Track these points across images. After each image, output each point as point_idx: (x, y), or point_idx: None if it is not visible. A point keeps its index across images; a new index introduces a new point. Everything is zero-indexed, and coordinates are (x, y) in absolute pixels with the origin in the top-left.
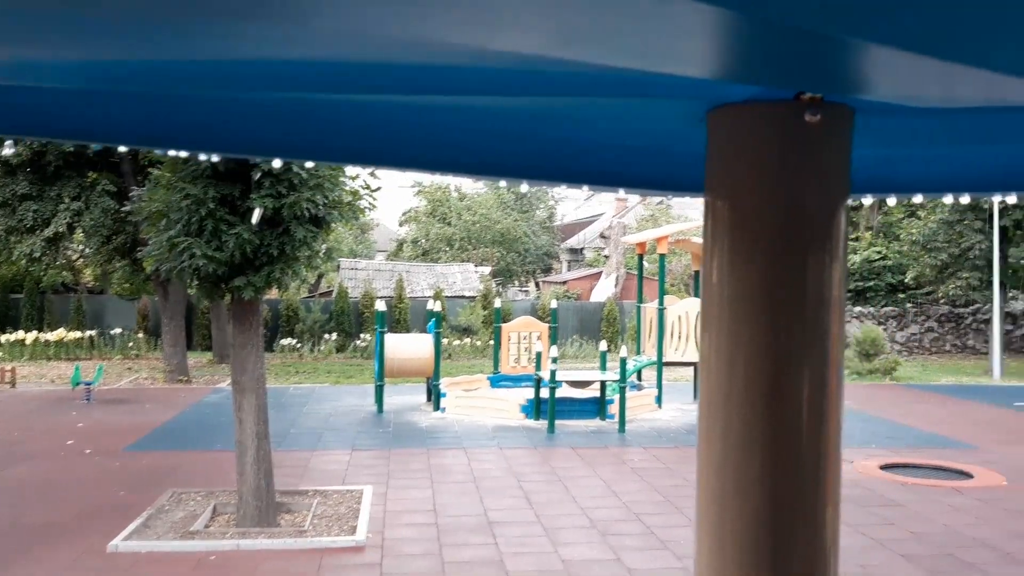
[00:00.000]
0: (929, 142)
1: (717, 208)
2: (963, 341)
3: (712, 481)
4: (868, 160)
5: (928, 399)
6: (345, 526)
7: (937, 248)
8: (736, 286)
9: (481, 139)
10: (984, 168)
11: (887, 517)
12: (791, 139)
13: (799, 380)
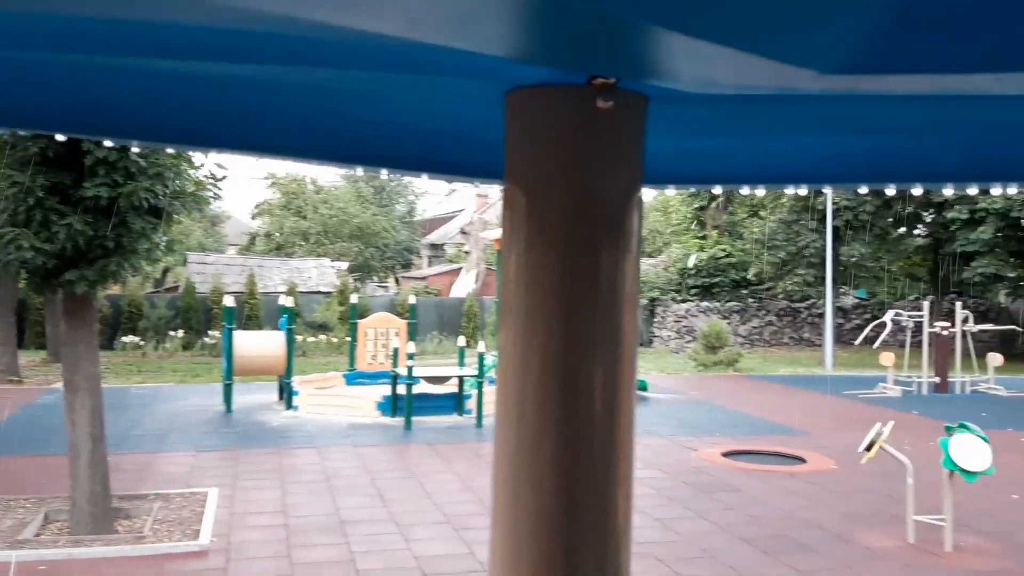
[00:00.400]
0: (724, 132)
1: (514, 197)
2: (799, 334)
3: (507, 466)
4: (664, 151)
5: (768, 389)
6: (188, 530)
7: (777, 246)
8: (531, 277)
9: (259, 115)
10: (779, 160)
11: (728, 502)
12: (584, 126)
13: (592, 371)
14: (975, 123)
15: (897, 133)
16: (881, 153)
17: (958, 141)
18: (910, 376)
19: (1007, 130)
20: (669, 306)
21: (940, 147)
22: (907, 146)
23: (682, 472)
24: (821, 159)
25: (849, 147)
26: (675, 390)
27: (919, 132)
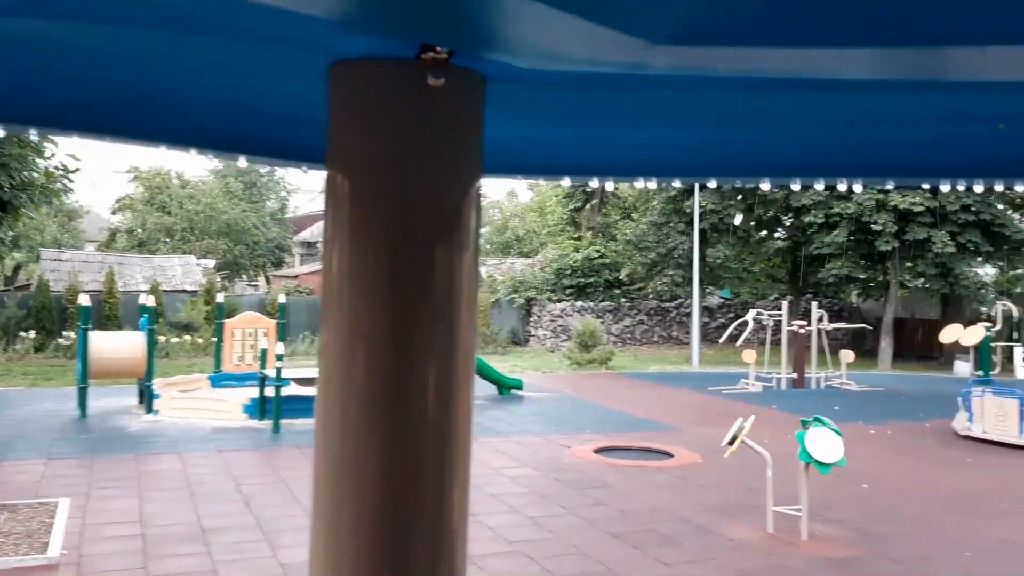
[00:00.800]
0: (569, 120)
1: (337, 184)
2: (668, 332)
3: (329, 472)
4: (507, 139)
5: (638, 386)
6: (36, 543)
7: (647, 248)
8: (356, 273)
9: (31, 79)
10: (629, 151)
11: (598, 498)
12: (413, 107)
13: (424, 372)
14: (833, 116)
15: (756, 126)
16: (734, 146)
17: (819, 136)
18: (770, 372)
19: (867, 126)
20: (545, 306)
21: (797, 141)
22: (764, 139)
23: (555, 469)
24: (669, 151)
25: (703, 139)
26: (550, 388)
27: (776, 125)
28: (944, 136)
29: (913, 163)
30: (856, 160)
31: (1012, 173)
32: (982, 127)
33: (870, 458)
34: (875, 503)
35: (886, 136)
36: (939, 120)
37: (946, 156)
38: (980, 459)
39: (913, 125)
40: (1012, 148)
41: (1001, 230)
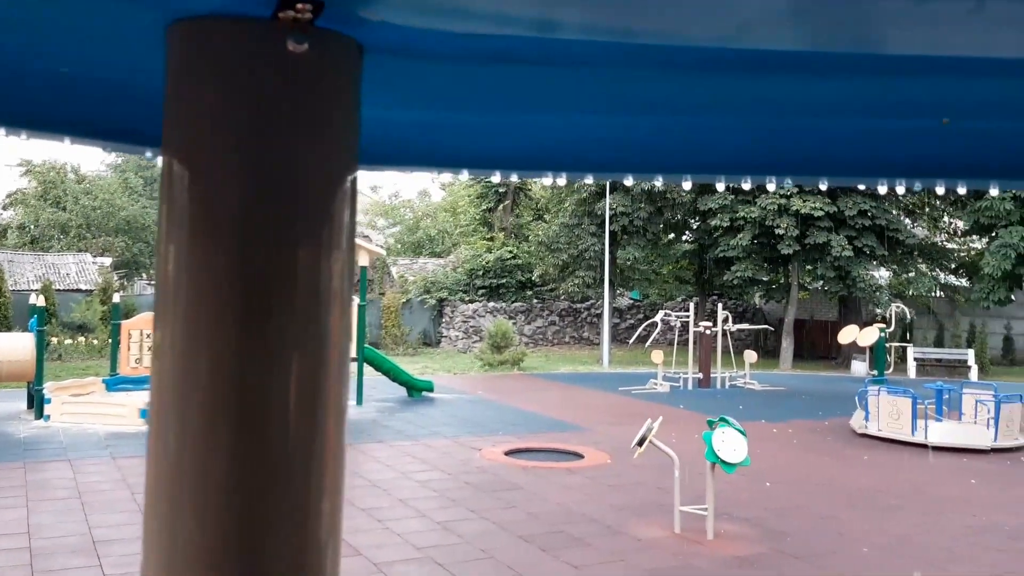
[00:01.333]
0: (468, 104)
1: (174, 170)
2: (580, 333)
3: (167, 485)
4: (390, 124)
5: (550, 387)
6: None
7: (559, 249)
8: (198, 273)
9: None
10: (538, 142)
11: (508, 500)
12: (269, 79)
13: (283, 381)
14: (764, 103)
15: (680, 113)
16: (655, 138)
17: (749, 127)
18: (677, 372)
19: (801, 115)
20: (457, 306)
21: (728, 133)
22: (689, 131)
23: (465, 472)
24: (581, 142)
25: (618, 129)
26: (461, 390)
27: (702, 112)
28: (883, 130)
29: (850, 160)
30: (788, 156)
31: (954, 173)
32: (925, 120)
33: (773, 456)
34: (778, 500)
35: (819, 129)
36: (878, 111)
37: (885, 153)
38: (876, 456)
39: (850, 116)
40: (955, 146)
41: (895, 235)
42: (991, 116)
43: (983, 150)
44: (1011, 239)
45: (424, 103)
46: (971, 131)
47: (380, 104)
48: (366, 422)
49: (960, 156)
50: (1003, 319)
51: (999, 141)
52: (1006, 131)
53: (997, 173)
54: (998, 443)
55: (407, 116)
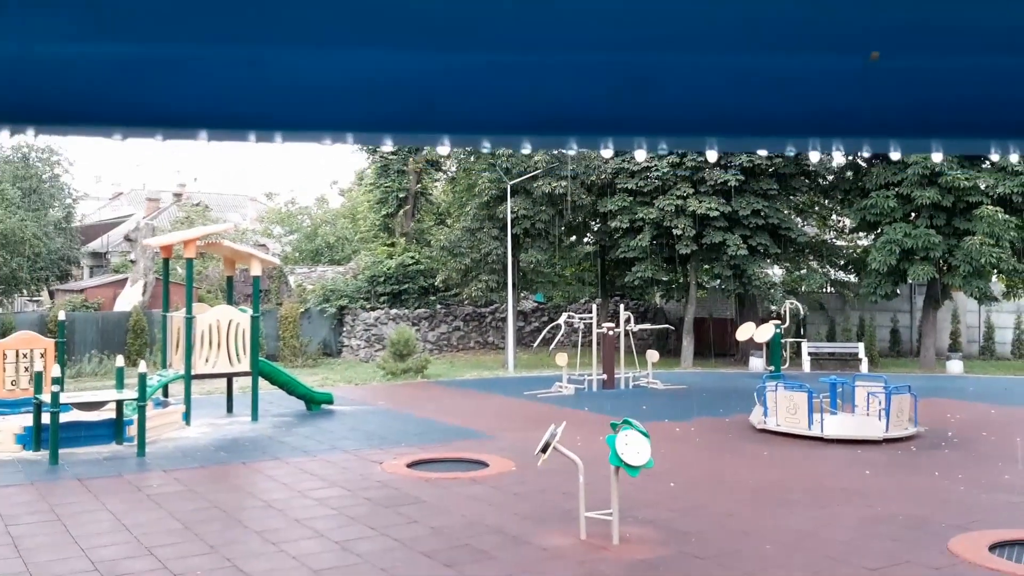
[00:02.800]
0: (190, 28)
1: None
2: (485, 338)
3: None
4: (57, 64)
5: (454, 394)
6: None
7: (462, 253)
8: None
9: None
10: (290, 86)
11: (410, 515)
12: None
13: None
14: (599, 31)
15: (502, 49)
16: (466, 82)
17: (577, 66)
18: (582, 374)
19: (675, 48)
20: (358, 314)
21: (554, 76)
22: (505, 72)
23: (365, 488)
24: (349, 88)
25: (417, 69)
26: (363, 401)
27: (520, 49)
28: (794, 71)
29: (743, 112)
30: (656, 111)
31: (885, 129)
32: (851, 58)
33: (676, 456)
34: (682, 500)
35: (698, 68)
36: (780, 40)
37: (798, 101)
38: (776, 451)
39: (744, 51)
40: (885, 92)
41: (787, 233)
42: (932, 49)
43: (921, 98)
44: (895, 235)
45: (121, 29)
46: (908, 72)
47: (45, 33)
48: (261, 439)
49: (893, 107)
50: (890, 312)
51: (944, 86)
52: (956, 70)
53: (938, 128)
54: (889, 434)
55: (90, 51)
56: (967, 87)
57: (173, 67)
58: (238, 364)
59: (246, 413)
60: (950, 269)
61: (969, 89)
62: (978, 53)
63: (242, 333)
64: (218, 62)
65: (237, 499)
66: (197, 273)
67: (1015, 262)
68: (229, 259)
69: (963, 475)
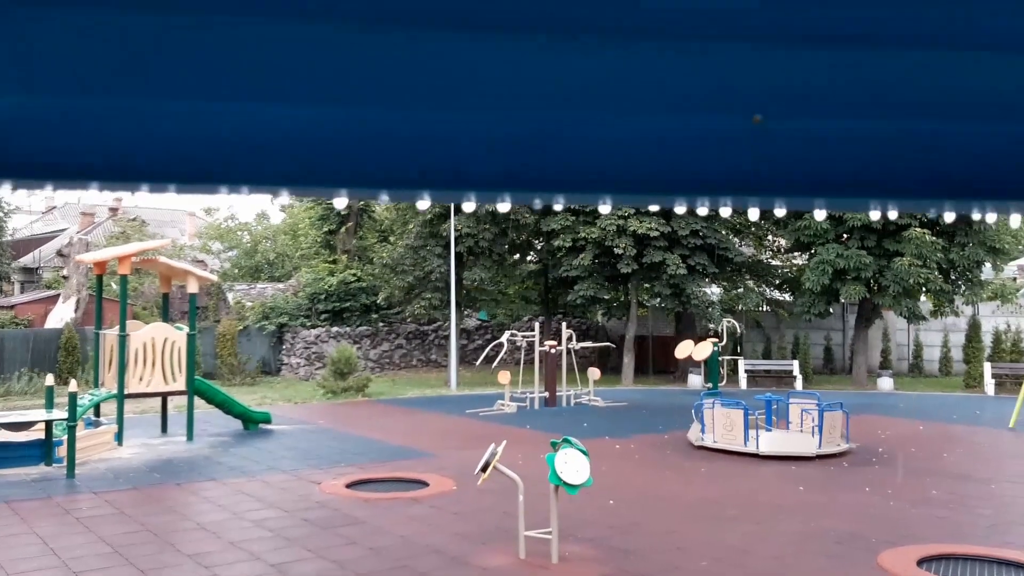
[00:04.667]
0: (103, 80)
1: None
2: (427, 356)
3: None
4: None
5: (396, 413)
6: None
7: (405, 271)
8: None
9: None
10: (190, 139)
11: (349, 536)
12: None
13: None
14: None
15: (376, 103)
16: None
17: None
18: (524, 392)
19: (569, 109)
20: (299, 332)
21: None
22: (371, 126)
23: (303, 509)
24: (246, 142)
25: (291, 121)
26: (302, 420)
27: (399, 105)
28: (677, 134)
29: (635, 170)
30: (551, 169)
31: (770, 188)
32: (734, 118)
33: (616, 473)
34: (621, 518)
35: (591, 127)
36: (676, 104)
37: (684, 161)
38: (713, 468)
39: (641, 113)
40: (769, 153)
41: (725, 253)
42: (813, 113)
43: (804, 159)
44: (828, 256)
45: (32, 81)
46: (790, 133)
47: None
48: (197, 459)
49: (777, 167)
50: (823, 331)
51: (826, 147)
52: (833, 133)
53: (821, 188)
54: (822, 450)
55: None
56: (847, 148)
57: (66, 120)
58: (173, 383)
59: (181, 433)
60: (880, 289)
61: (848, 150)
62: (856, 117)
63: (178, 351)
64: (109, 115)
65: (170, 521)
66: (132, 290)
67: (942, 282)
68: (165, 276)
69: (893, 490)
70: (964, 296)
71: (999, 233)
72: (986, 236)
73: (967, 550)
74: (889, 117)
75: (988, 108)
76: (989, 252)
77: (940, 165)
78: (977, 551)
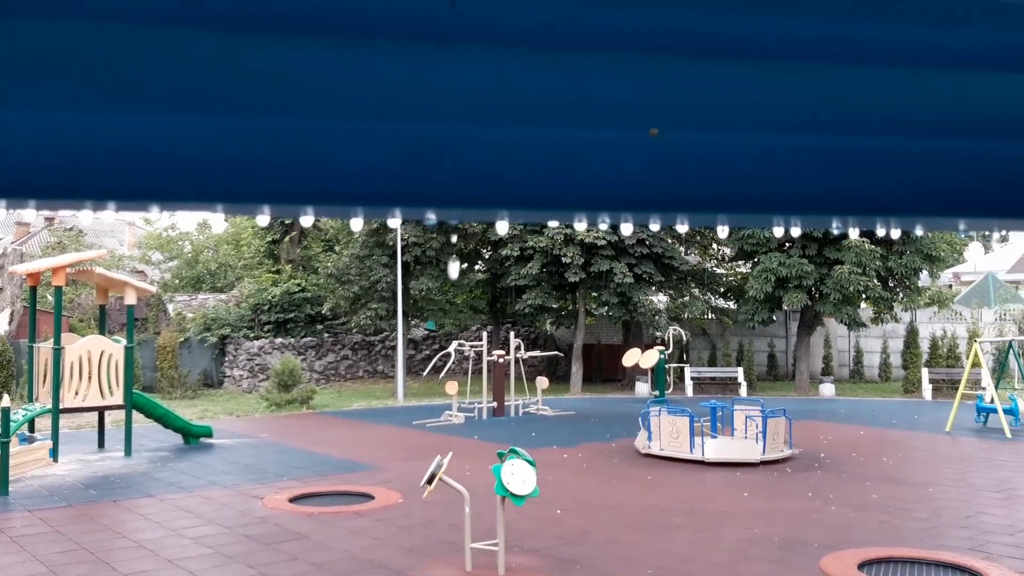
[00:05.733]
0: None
1: None
2: (374, 367)
3: None
4: None
5: (342, 425)
6: None
7: (350, 281)
8: None
9: None
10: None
11: (291, 552)
12: None
13: None
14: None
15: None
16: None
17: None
18: (472, 402)
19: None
20: (241, 344)
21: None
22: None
23: (244, 524)
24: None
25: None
26: (244, 433)
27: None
28: (572, 149)
29: (536, 186)
30: (441, 184)
31: (669, 205)
32: (630, 132)
33: (563, 482)
34: (568, 527)
35: (481, 143)
36: (570, 118)
37: (579, 178)
38: (659, 475)
39: (534, 126)
40: (667, 167)
41: (671, 262)
42: (711, 126)
43: (702, 173)
44: (771, 264)
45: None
46: (687, 147)
47: None
48: (135, 475)
49: (675, 181)
50: (767, 338)
51: (724, 162)
52: (731, 147)
53: (720, 203)
54: (766, 456)
55: None
56: (745, 163)
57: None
58: (110, 397)
59: (119, 448)
60: (822, 296)
61: (747, 165)
62: (753, 131)
63: (115, 364)
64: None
65: (106, 539)
66: (69, 301)
67: (881, 289)
68: (102, 287)
69: (835, 495)
70: (902, 303)
71: (935, 241)
72: (923, 244)
73: (905, 553)
74: (787, 132)
75: (886, 123)
76: (926, 260)
77: (841, 181)
78: (915, 554)
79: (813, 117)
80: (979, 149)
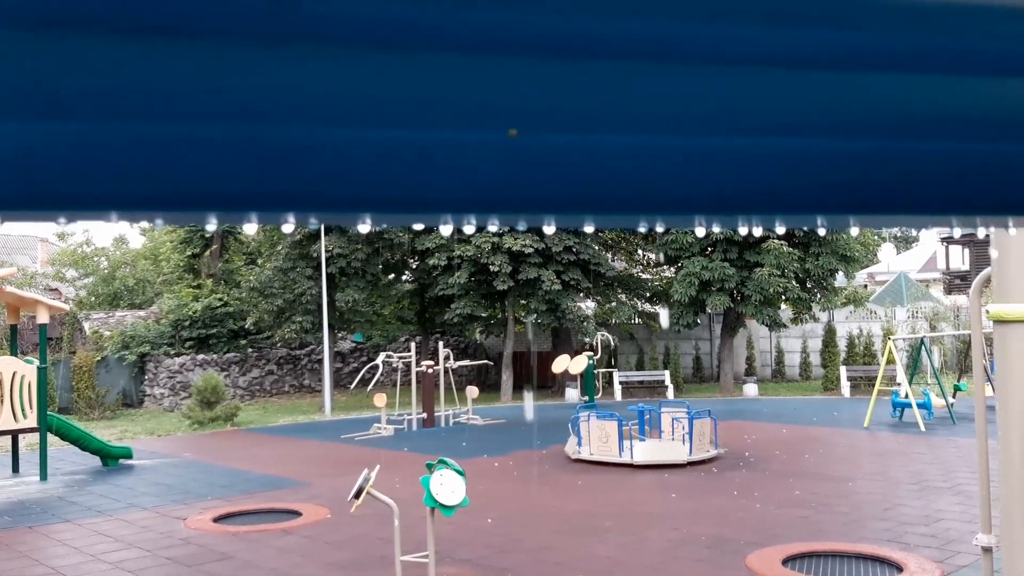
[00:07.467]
0: None
1: None
2: (300, 381)
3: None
4: None
5: (267, 441)
6: None
7: (274, 294)
8: None
9: None
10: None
11: (215, 573)
12: None
13: None
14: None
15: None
16: None
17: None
18: (401, 414)
19: None
20: (162, 361)
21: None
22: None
23: (167, 547)
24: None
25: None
26: (166, 453)
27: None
28: (430, 150)
29: (394, 186)
30: (299, 185)
31: (534, 206)
32: (488, 134)
33: (494, 491)
34: (499, 536)
35: (341, 142)
36: (429, 118)
37: (441, 179)
38: (589, 480)
39: (390, 127)
40: (530, 168)
41: (598, 268)
42: (570, 128)
43: (565, 175)
44: (694, 268)
45: None
46: (547, 149)
47: None
48: (51, 500)
49: (540, 183)
50: (692, 340)
51: (585, 163)
52: (596, 148)
53: (586, 204)
54: (693, 456)
55: None
56: (606, 164)
57: None
58: (24, 420)
59: (34, 472)
60: (743, 299)
61: (609, 165)
62: (613, 132)
63: (28, 386)
64: None
65: (21, 567)
66: None
67: (799, 291)
68: (13, 306)
69: (759, 493)
70: (820, 303)
71: (850, 242)
72: (838, 245)
73: (827, 547)
74: (649, 133)
75: (743, 123)
76: (841, 261)
77: (704, 181)
78: (836, 547)
79: (673, 117)
80: (830, 147)
